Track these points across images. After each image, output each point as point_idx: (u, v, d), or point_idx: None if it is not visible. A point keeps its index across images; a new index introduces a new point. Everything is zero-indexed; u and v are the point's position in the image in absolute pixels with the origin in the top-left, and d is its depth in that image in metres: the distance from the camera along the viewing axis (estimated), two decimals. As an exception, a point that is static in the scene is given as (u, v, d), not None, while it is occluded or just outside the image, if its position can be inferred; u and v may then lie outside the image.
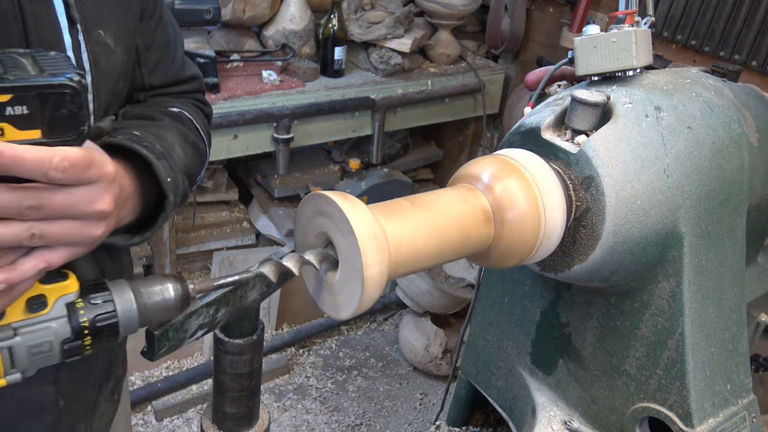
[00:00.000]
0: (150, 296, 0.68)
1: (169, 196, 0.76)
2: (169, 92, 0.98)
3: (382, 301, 2.91)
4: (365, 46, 2.60)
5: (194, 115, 0.96)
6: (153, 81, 0.95)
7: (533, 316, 1.18)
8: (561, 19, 2.66)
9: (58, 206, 0.57)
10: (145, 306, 0.67)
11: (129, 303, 0.66)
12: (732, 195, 1.01)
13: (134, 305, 0.66)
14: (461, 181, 0.92)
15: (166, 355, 0.87)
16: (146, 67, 0.93)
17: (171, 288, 0.69)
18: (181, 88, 1.00)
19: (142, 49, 0.91)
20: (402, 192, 2.73)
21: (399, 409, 2.50)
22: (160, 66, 0.95)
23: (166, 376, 2.41)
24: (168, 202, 0.77)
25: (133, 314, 0.66)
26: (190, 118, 0.94)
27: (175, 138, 0.85)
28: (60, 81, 0.54)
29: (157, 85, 0.96)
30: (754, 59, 2.03)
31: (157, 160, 0.75)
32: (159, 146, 0.78)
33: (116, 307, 0.65)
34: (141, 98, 0.95)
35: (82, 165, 0.56)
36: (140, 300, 0.67)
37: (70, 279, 0.64)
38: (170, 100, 0.97)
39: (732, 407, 1.05)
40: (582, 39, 1.01)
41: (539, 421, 1.13)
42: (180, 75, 0.99)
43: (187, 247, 2.57)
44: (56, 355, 0.63)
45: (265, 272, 0.75)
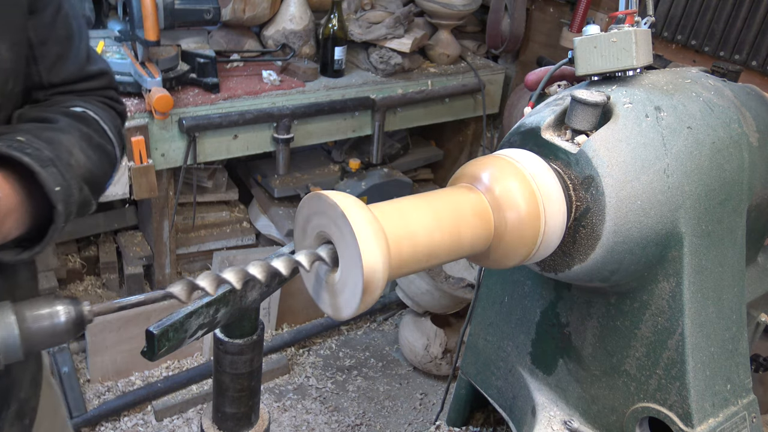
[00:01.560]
0: (36, 321, 0.62)
1: (57, 206, 0.70)
2: (73, 90, 0.91)
3: (382, 301, 2.91)
4: (365, 46, 2.60)
5: (101, 115, 0.89)
6: (53, 78, 0.87)
7: (533, 316, 1.18)
8: (561, 19, 2.66)
9: None
10: (29, 331, 0.62)
11: (10, 329, 0.61)
12: (732, 195, 1.01)
13: (16, 331, 0.61)
14: (461, 181, 0.92)
15: (166, 355, 0.86)
16: (43, 63, 0.85)
17: (62, 311, 0.64)
18: (88, 84, 0.92)
19: (36, 44, 0.83)
20: (402, 192, 2.73)
21: (399, 409, 2.50)
22: (60, 62, 0.87)
23: (166, 376, 2.41)
24: (57, 213, 0.71)
25: (15, 341, 0.61)
26: (96, 118, 0.88)
27: (74, 141, 0.79)
28: None
29: (57, 82, 0.88)
30: (754, 59, 2.03)
31: (42, 168, 0.69)
32: (48, 152, 0.72)
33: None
34: (41, 97, 0.88)
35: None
36: (24, 325, 0.61)
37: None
38: (73, 98, 0.90)
39: (732, 407, 1.05)
40: (582, 39, 1.01)
41: (539, 421, 1.13)
42: (85, 70, 0.91)
43: (187, 247, 2.57)
44: None
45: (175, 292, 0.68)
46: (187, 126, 2.07)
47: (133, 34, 1.96)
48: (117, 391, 2.34)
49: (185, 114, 2.09)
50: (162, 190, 2.22)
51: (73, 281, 2.56)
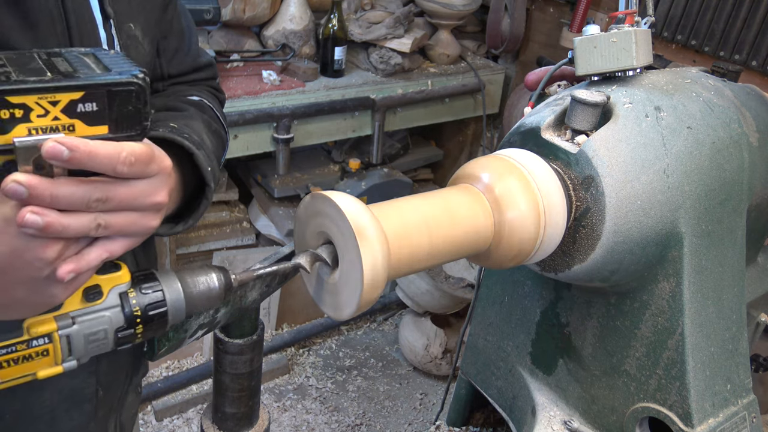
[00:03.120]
0: (196, 285, 0.69)
1: (210, 184, 0.79)
2: (186, 80, 0.99)
3: (382, 301, 2.91)
4: (365, 46, 2.60)
5: (213, 103, 0.97)
6: (171, 70, 0.96)
7: (533, 316, 1.18)
8: (561, 19, 2.66)
9: (123, 199, 0.58)
10: (191, 295, 0.69)
11: (177, 292, 0.68)
12: (732, 195, 1.01)
13: (182, 294, 0.68)
14: (461, 181, 0.92)
15: (166, 355, 0.87)
16: (165, 56, 0.94)
17: (215, 278, 0.71)
18: (198, 75, 1.01)
19: (160, 39, 0.92)
20: (402, 192, 2.73)
21: (399, 409, 2.50)
22: (177, 55, 0.96)
23: (166, 376, 2.41)
24: (209, 190, 0.80)
25: (181, 303, 0.68)
26: (210, 106, 0.95)
27: (201, 127, 0.87)
28: (127, 78, 0.56)
29: (175, 74, 0.96)
30: (754, 59, 2.03)
31: (197, 151, 0.77)
32: (196, 136, 0.80)
33: (165, 297, 0.67)
34: (160, 88, 0.95)
35: (146, 159, 0.58)
36: (187, 289, 0.69)
37: (122, 270, 0.66)
38: (187, 88, 0.97)
39: (732, 407, 1.05)
40: (582, 39, 1.01)
41: (539, 421, 1.13)
42: (196, 63, 1.00)
43: (187, 247, 2.57)
44: (110, 342, 0.65)
45: (302, 263, 0.77)
46: (187, 126, 2.07)
47: (133, 34, 1.95)
48: (117, 391, 2.34)
49: (185, 114, 2.09)
50: (162, 190, 2.22)
51: (73, 281, 2.56)
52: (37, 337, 0.61)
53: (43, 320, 0.62)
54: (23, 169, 0.53)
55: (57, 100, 0.53)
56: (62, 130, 0.54)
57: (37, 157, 0.53)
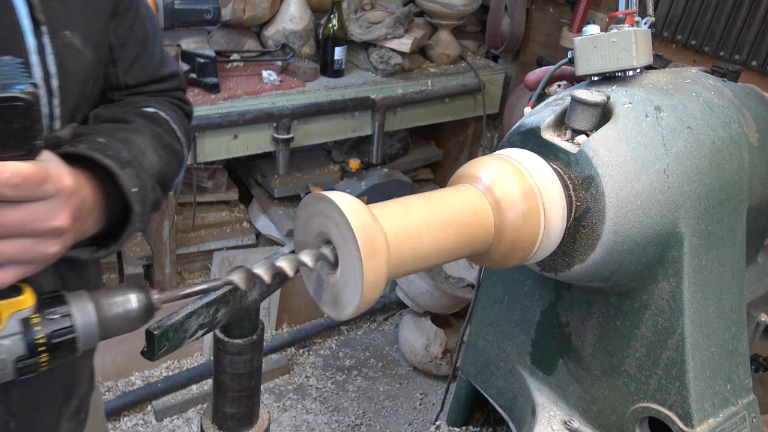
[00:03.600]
0: (111, 308, 0.65)
1: (134, 207, 0.72)
2: (146, 91, 0.93)
3: (382, 301, 2.91)
4: (365, 46, 2.60)
5: (171, 115, 0.91)
6: (129, 80, 0.90)
7: (533, 316, 1.18)
8: (561, 19, 2.66)
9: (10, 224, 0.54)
10: (105, 318, 0.64)
11: (88, 316, 0.63)
12: (732, 195, 1.01)
13: (94, 318, 0.63)
14: (461, 181, 0.92)
15: (166, 355, 0.87)
16: (121, 65, 0.88)
17: (133, 299, 0.66)
18: (159, 86, 0.95)
19: (116, 47, 0.86)
20: (402, 192, 2.73)
21: (399, 409, 2.50)
22: (136, 64, 0.90)
23: (166, 376, 2.41)
24: (133, 214, 0.73)
25: (93, 328, 0.63)
26: (167, 118, 0.90)
27: (148, 142, 0.81)
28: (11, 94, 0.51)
29: (133, 84, 0.91)
30: (754, 59, 2.03)
31: (121, 170, 0.71)
32: (126, 153, 0.74)
33: (74, 322, 0.62)
34: (115, 98, 0.90)
35: (35, 180, 0.54)
36: (101, 312, 0.64)
37: (25, 293, 0.61)
38: (146, 99, 0.92)
39: (732, 407, 1.05)
40: (582, 39, 1.01)
41: (539, 421, 1.13)
42: (158, 73, 0.94)
43: (187, 247, 2.57)
44: (9, 372, 0.60)
45: (235, 280, 0.71)
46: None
47: (133, 34, 1.95)
48: (117, 391, 2.34)
49: (185, 114, 2.09)
50: (162, 190, 2.22)
51: (73, 281, 2.56)
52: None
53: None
54: None
55: None
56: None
57: None
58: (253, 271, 0.72)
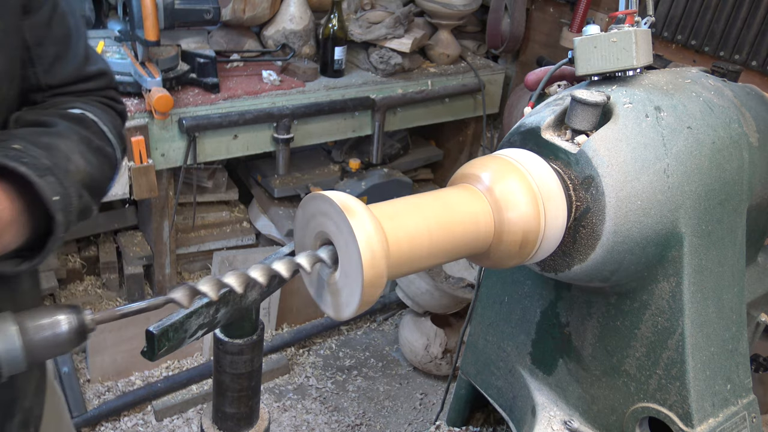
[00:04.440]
0: (38, 331, 0.61)
1: (56, 216, 0.68)
2: (72, 91, 0.89)
3: (382, 301, 2.91)
4: (365, 46, 2.60)
5: (101, 116, 0.87)
6: (50, 80, 0.85)
7: (533, 316, 1.18)
8: (561, 19, 2.66)
9: None
10: (31, 342, 0.61)
11: (12, 340, 0.60)
12: (732, 195, 1.01)
13: (18, 342, 0.60)
14: (461, 181, 0.92)
15: (166, 355, 0.87)
16: (40, 65, 0.83)
17: (63, 321, 0.63)
18: (86, 85, 0.90)
19: (33, 45, 0.81)
20: (402, 192, 2.73)
21: (399, 409, 2.50)
22: (58, 63, 0.85)
23: (166, 376, 2.41)
24: (56, 223, 0.69)
25: (17, 353, 0.60)
26: (95, 120, 0.85)
27: (73, 146, 0.77)
28: None
29: (55, 84, 0.86)
30: (754, 59, 2.03)
31: (39, 178, 0.67)
32: (46, 160, 0.70)
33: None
34: (38, 99, 0.86)
35: None
36: (26, 336, 0.61)
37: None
38: (72, 99, 0.87)
39: (732, 407, 1.05)
40: (582, 39, 1.01)
41: (539, 421, 1.13)
42: (83, 71, 0.89)
43: (187, 247, 2.57)
44: None
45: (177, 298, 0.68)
46: (187, 126, 2.08)
47: (133, 34, 1.96)
48: (117, 391, 2.34)
49: (185, 114, 2.09)
50: (162, 190, 2.22)
51: (73, 281, 2.56)
52: None
53: None
54: None
55: None
56: None
57: None
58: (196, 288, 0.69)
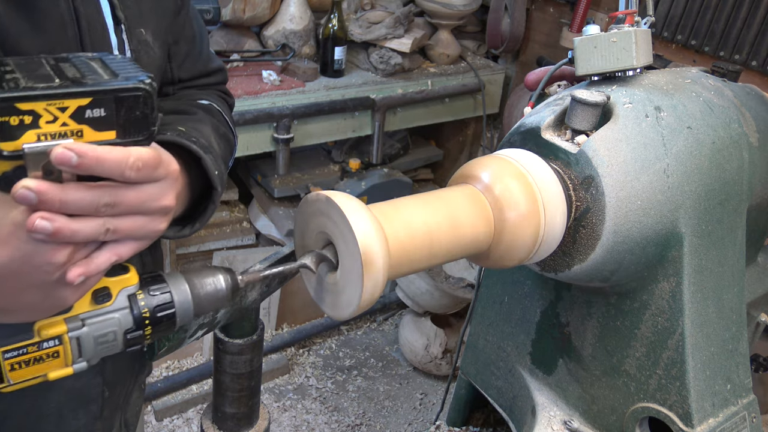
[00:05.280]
0: (203, 287, 0.70)
1: (217, 187, 0.79)
2: (196, 84, 1.00)
3: (382, 301, 2.91)
4: (365, 46, 2.60)
5: (222, 107, 0.97)
6: (181, 74, 0.96)
7: (533, 316, 1.18)
8: (561, 19, 2.66)
9: (130, 203, 0.59)
10: (199, 296, 0.69)
11: (185, 294, 0.68)
12: (732, 195, 1.01)
13: (189, 296, 0.69)
14: (461, 181, 0.92)
15: (166, 355, 0.87)
16: (175, 61, 0.94)
17: (222, 279, 0.71)
18: (207, 80, 1.02)
19: (171, 44, 0.92)
20: (402, 192, 2.73)
21: (399, 409, 2.50)
22: (188, 59, 0.96)
23: (166, 376, 2.41)
24: (216, 194, 0.80)
25: (189, 304, 0.69)
26: (219, 110, 0.96)
27: (210, 131, 0.87)
28: (134, 84, 0.56)
29: (185, 78, 0.97)
30: (754, 59, 2.03)
31: (205, 155, 0.77)
32: (203, 140, 0.80)
33: (173, 298, 0.68)
34: (170, 92, 0.96)
35: (153, 164, 0.59)
36: (194, 291, 0.69)
37: (130, 272, 0.66)
38: (197, 92, 0.98)
39: (732, 407, 1.05)
40: (582, 39, 1.01)
41: (539, 421, 1.13)
42: (206, 67, 1.01)
43: (187, 247, 2.57)
44: (119, 344, 0.66)
45: (308, 263, 0.77)
46: (187, 126, 2.07)
47: (133, 34, 1.95)
48: (117, 391, 2.34)
49: (185, 114, 2.09)
50: (162, 190, 2.22)
51: (73, 281, 2.56)
52: (48, 339, 0.62)
53: (53, 322, 0.62)
54: (33, 174, 0.53)
55: (65, 106, 0.54)
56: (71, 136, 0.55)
57: (46, 163, 0.53)
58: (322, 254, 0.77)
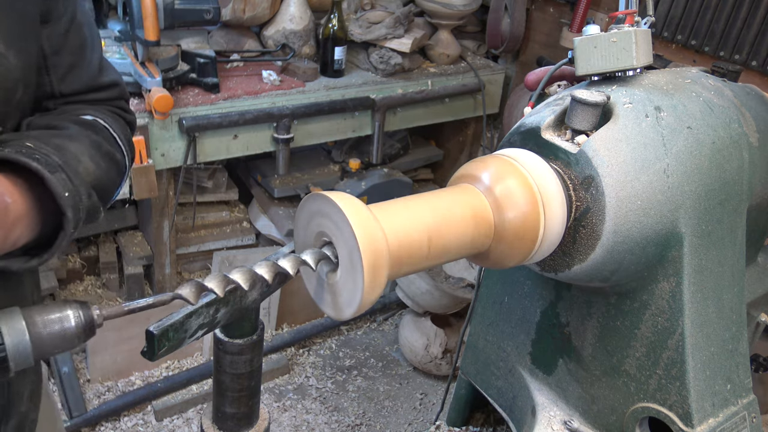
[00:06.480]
0: (46, 325, 0.62)
1: (66, 212, 0.69)
2: (84, 99, 0.91)
3: (382, 301, 2.91)
4: (365, 46, 2.60)
5: (112, 124, 0.89)
6: (64, 88, 0.87)
7: (533, 316, 1.18)
8: (561, 19, 2.66)
9: None
10: (40, 337, 0.61)
11: (20, 334, 0.60)
12: (732, 195, 1.01)
13: (26, 336, 0.61)
14: (461, 181, 0.92)
15: (166, 355, 0.87)
16: (55, 73, 0.85)
17: (71, 316, 0.63)
18: (98, 95, 0.93)
19: (49, 54, 0.84)
20: (402, 192, 2.73)
21: (399, 409, 2.50)
22: (72, 72, 0.87)
23: (166, 376, 2.41)
24: (66, 219, 0.70)
25: (26, 346, 0.61)
26: (105, 126, 0.87)
27: (83, 149, 0.79)
28: None
29: (69, 92, 0.88)
30: (754, 59, 2.03)
31: (50, 174, 0.68)
32: (56, 158, 0.71)
33: (4, 340, 0.60)
34: (50, 106, 0.88)
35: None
36: (34, 330, 0.61)
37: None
38: (84, 107, 0.89)
39: (732, 407, 1.05)
40: (582, 39, 1.01)
41: (539, 421, 1.13)
42: (96, 81, 0.92)
43: (187, 247, 2.57)
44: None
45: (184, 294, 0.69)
46: (187, 126, 2.08)
47: (133, 34, 1.96)
48: (117, 391, 2.34)
49: (185, 114, 2.09)
50: (162, 190, 2.22)
51: (73, 281, 2.56)
52: None
53: None
54: None
55: None
56: None
57: None
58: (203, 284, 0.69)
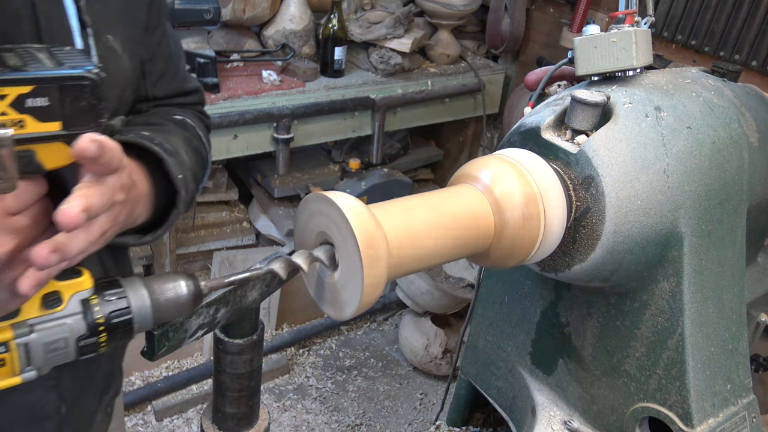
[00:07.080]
0: (163, 293, 0.67)
1: (180, 192, 0.77)
2: (171, 103, 0.99)
3: (382, 301, 2.91)
4: (365, 46, 2.60)
5: (197, 124, 0.97)
6: (156, 92, 0.96)
7: (533, 316, 1.18)
8: (561, 19, 2.66)
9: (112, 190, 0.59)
10: (158, 302, 0.67)
11: (143, 299, 0.66)
12: (732, 195, 1.01)
13: (148, 302, 0.66)
14: (461, 181, 0.92)
15: (166, 355, 0.87)
16: (150, 78, 0.93)
17: (183, 285, 0.69)
18: (183, 99, 1.02)
19: (146, 60, 0.91)
20: (402, 192, 2.73)
21: (399, 409, 2.50)
22: (163, 78, 0.96)
23: (166, 376, 2.41)
24: (180, 198, 0.78)
25: (147, 310, 0.66)
26: (193, 125, 0.95)
27: (180, 143, 0.86)
28: (79, 73, 0.54)
29: (160, 96, 0.97)
30: (754, 59, 2.03)
31: (168, 157, 0.76)
32: (168, 146, 0.79)
33: (130, 304, 0.65)
34: (143, 108, 0.96)
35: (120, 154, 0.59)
36: (154, 296, 0.67)
37: (84, 276, 0.64)
38: (172, 109, 0.98)
39: (732, 407, 1.05)
40: (582, 39, 1.01)
41: (539, 421, 1.13)
42: (182, 87, 1.01)
43: (187, 247, 2.57)
44: (71, 352, 0.63)
45: (275, 269, 0.75)
46: (187, 126, 2.07)
47: (133, 34, 1.95)
48: (117, 391, 2.34)
49: (185, 114, 2.09)
50: (162, 190, 2.22)
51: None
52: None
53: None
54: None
55: (4, 94, 0.51)
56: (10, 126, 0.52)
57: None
58: (292, 260, 0.75)
